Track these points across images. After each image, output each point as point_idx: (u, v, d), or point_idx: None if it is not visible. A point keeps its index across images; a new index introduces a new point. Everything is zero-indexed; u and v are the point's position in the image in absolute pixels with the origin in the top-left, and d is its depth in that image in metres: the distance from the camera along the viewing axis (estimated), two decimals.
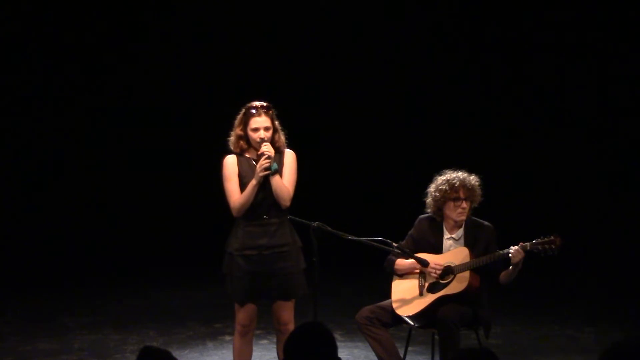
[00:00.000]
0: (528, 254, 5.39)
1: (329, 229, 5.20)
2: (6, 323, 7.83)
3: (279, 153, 5.44)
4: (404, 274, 5.66)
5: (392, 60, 10.83)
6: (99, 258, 10.23)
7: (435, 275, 5.51)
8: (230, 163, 5.44)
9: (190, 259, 10.26)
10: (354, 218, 8.44)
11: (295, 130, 5.62)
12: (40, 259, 10.03)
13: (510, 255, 5.38)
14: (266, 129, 5.37)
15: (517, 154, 10.68)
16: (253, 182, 5.33)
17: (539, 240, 5.40)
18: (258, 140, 5.36)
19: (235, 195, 5.38)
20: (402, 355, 5.65)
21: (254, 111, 5.38)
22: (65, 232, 10.51)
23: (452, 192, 5.55)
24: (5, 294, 8.93)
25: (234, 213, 5.42)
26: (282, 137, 5.47)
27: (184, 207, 10.82)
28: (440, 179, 5.63)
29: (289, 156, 5.47)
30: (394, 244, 5.38)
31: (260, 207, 5.36)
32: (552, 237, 5.38)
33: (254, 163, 5.39)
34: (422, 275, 5.60)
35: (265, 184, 5.35)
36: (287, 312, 5.44)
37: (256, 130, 5.37)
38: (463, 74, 10.77)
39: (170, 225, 10.76)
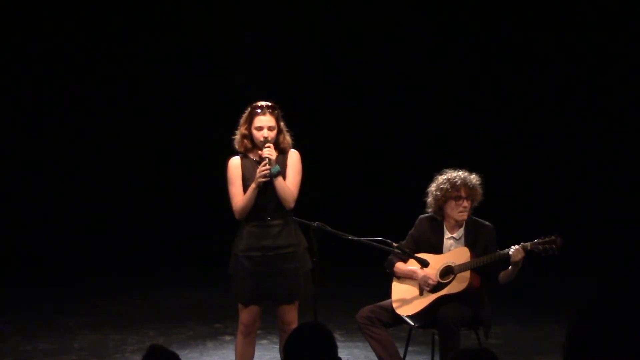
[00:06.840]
0: (528, 253, 5.38)
1: (329, 229, 5.19)
2: (6, 323, 7.82)
3: (284, 154, 5.42)
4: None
5: (392, 59, 10.82)
6: (100, 258, 10.22)
7: (427, 289, 5.51)
8: (234, 166, 5.43)
9: (190, 259, 10.26)
10: (354, 218, 8.43)
11: (295, 130, 5.60)
12: (41, 259, 10.02)
13: (510, 254, 5.38)
14: (270, 128, 5.34)
15: (518, 153, 10.68)
16: (253, 185, 5.32)
17: (540, 240, 5.39)
18: (261, 139, 5.34)
19: (238, 198, 5.37)
20: (402, 355, 5.64)
21: (258, 110, 5.36)
22: (65, 232, 10.50)
23: (453, 191, 5.54)
24: (5, 294, 8.93)
25: (236, 216, 5.41)
26: (287, 138, 5.44)
27: (184, 207, 10.81)
28: (441, 178, 5.62)
29: (293, 156, 5.44)
30: (394, 244, 5.37)
31: (263, 209, 5.35)
32: (552, 237, 5.37)
33: (258, 165, 5.36)
34: None
35: (268, 185, 5.32)
36: (290, 312, 5.42)
37: (260, 129, 5.35)
38: (464, 73, 10.76)
39: (170, 225, 10.75)
